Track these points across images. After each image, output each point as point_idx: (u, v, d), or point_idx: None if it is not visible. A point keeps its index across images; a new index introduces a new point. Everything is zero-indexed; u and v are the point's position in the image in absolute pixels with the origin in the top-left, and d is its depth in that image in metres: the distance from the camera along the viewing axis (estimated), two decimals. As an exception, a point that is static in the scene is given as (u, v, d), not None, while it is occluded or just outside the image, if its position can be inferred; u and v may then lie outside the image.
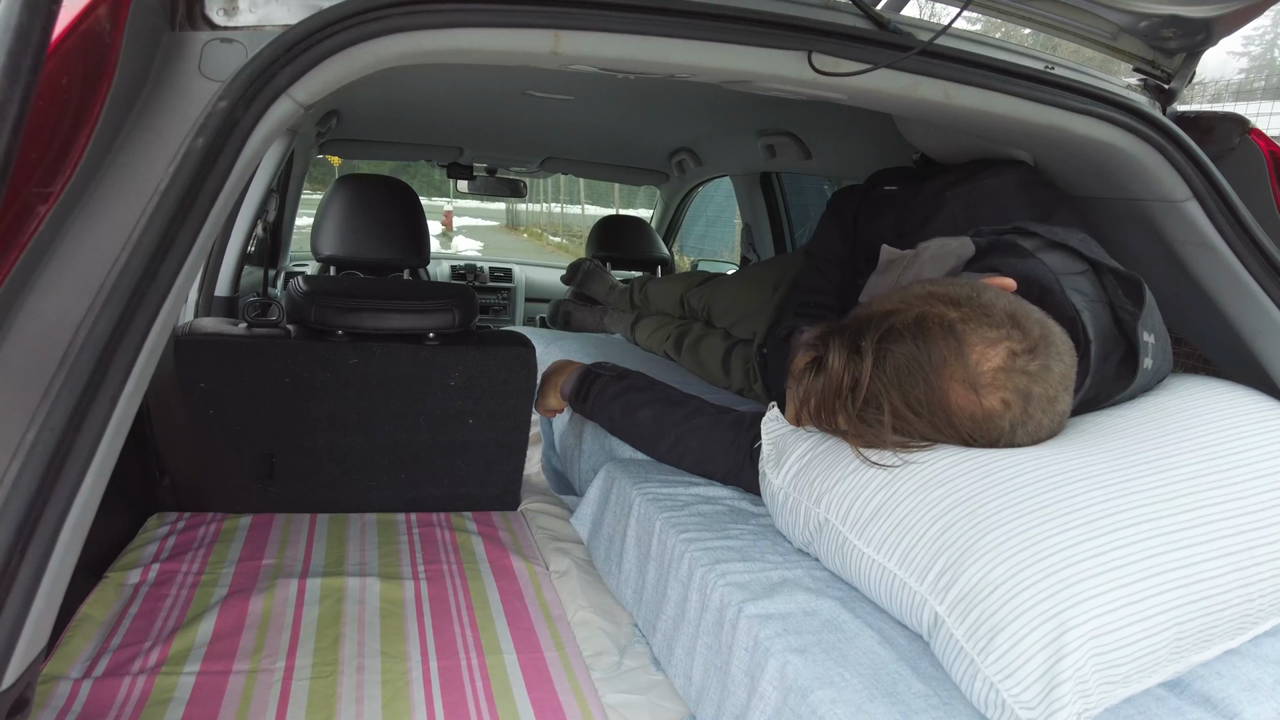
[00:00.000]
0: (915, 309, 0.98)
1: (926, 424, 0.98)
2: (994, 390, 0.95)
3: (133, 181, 0.74)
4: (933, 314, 0.96)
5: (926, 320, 0.96)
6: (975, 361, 0.94)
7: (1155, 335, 1.09)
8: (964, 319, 0.95)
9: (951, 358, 0.94)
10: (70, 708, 0.97)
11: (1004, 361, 0.94)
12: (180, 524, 1.45)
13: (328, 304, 1.48)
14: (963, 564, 0.84)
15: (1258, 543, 0.91)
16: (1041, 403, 0.96)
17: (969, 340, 0.94)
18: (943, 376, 0.94)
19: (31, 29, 0.48)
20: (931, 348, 0.94)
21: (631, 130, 2.91)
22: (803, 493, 1.05)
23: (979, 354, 0.94)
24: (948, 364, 0.94)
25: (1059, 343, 0.98)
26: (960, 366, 0.94)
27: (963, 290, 0.98)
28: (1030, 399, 0.95)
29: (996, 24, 1.40)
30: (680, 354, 2.31)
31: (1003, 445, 0.99)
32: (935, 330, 0.95)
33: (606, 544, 1.37)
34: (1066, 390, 0.99)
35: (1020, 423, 0.97)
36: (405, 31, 0.86)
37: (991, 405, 0.95)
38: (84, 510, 0.63)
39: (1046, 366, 0.96)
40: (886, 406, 0.96)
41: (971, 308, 0.96)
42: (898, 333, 0.96)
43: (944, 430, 0.98)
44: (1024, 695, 0.77)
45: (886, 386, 0.96)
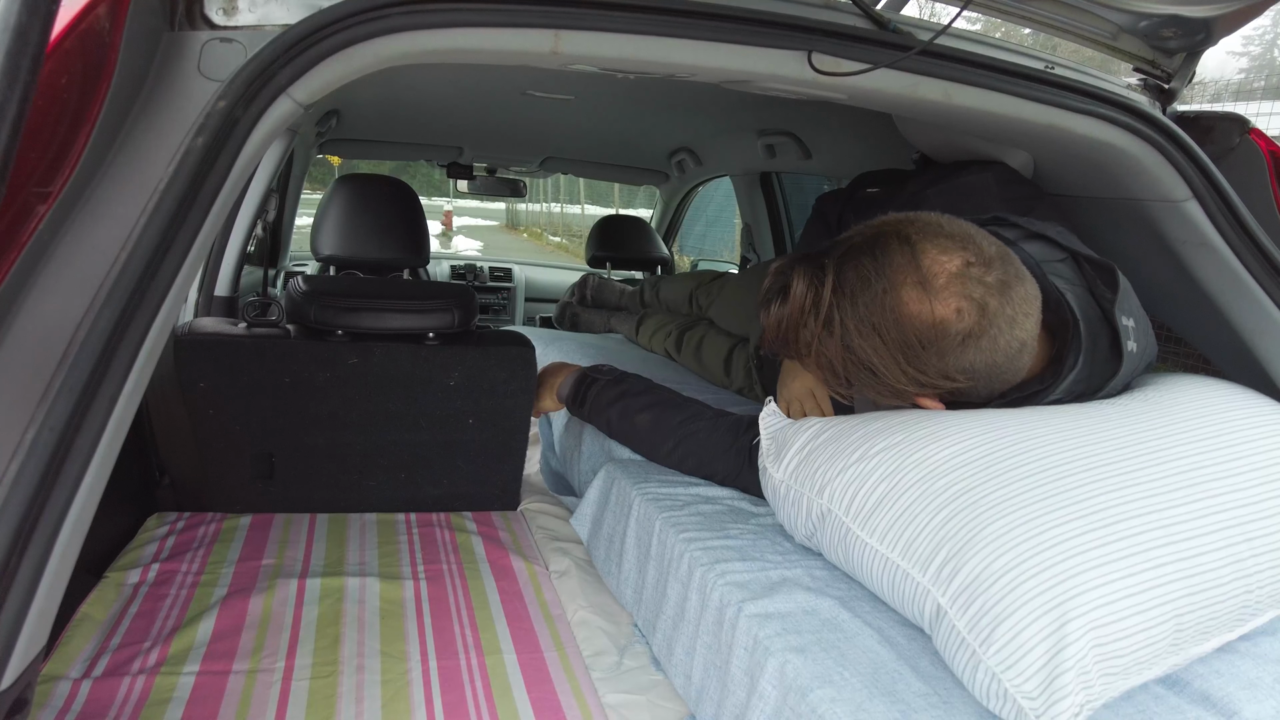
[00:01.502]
0: (872, 229, 1.00)
1: (877, 341, 0.97)
2: (948, 296, 0.95)
3: (132, 181, 0.74)
4: (890, 229, 0.98)
5: (884, 234, 0.98)
6: (928, 266, 0.95)
7: (1134, 319, 1.11)
8: (920, 232, 0.97)
9: (905, 264, 0.95)
10: (70, 708, 0.97)
11: (959, 269, 0.95)
12: (180, 524, 1.45)
13: (327, 304, 1.48)
14: (965, 555, 0.84)
15: (1256, 534, 0.91)
16: (999, 321, 0.96)
17: (923, 248, 0.96)
18: (895, 283, 0.95)
19: (30, 29, 0.48)
20: (887, 257, 0.96)
21: (631, 130, 2.91)
22: (804, 484, 1.05)
23: (932, 259, 0.95)
24: (901, 270, 0.95)
25: (1019, 269, 0.99)
26: (913, 271, 0.95)
27: (918, 216, 1.01)
28: (986, 312, 0.95)
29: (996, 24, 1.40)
30: (681, 353, 2.31)
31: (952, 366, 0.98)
32: (892, 242, 0.97)
33: (606, 544, 1.37)
34: (1028, 316, 0.98)
35: (973, 335, 0.96)
36: (405, 31, 0.86)
37: (944, 313, 0.95)
38: (84, 510, 0.62)
39: (1005, 283, 0.96)
40: (838, 322, 0.97)
41: (927, 223, 0.98)
42: (856, 249, 0.98)
43: (893, 350, 0.97)
44: (1026, 686, 0.77)
45: (841, 300, 0.97)
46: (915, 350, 0.97)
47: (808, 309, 0.99)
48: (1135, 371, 1.13)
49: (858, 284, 0.96)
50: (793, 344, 1.02)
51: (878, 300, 0.96)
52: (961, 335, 0.96)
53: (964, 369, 0.99)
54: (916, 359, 0.98)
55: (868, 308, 0.96)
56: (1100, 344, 1.08)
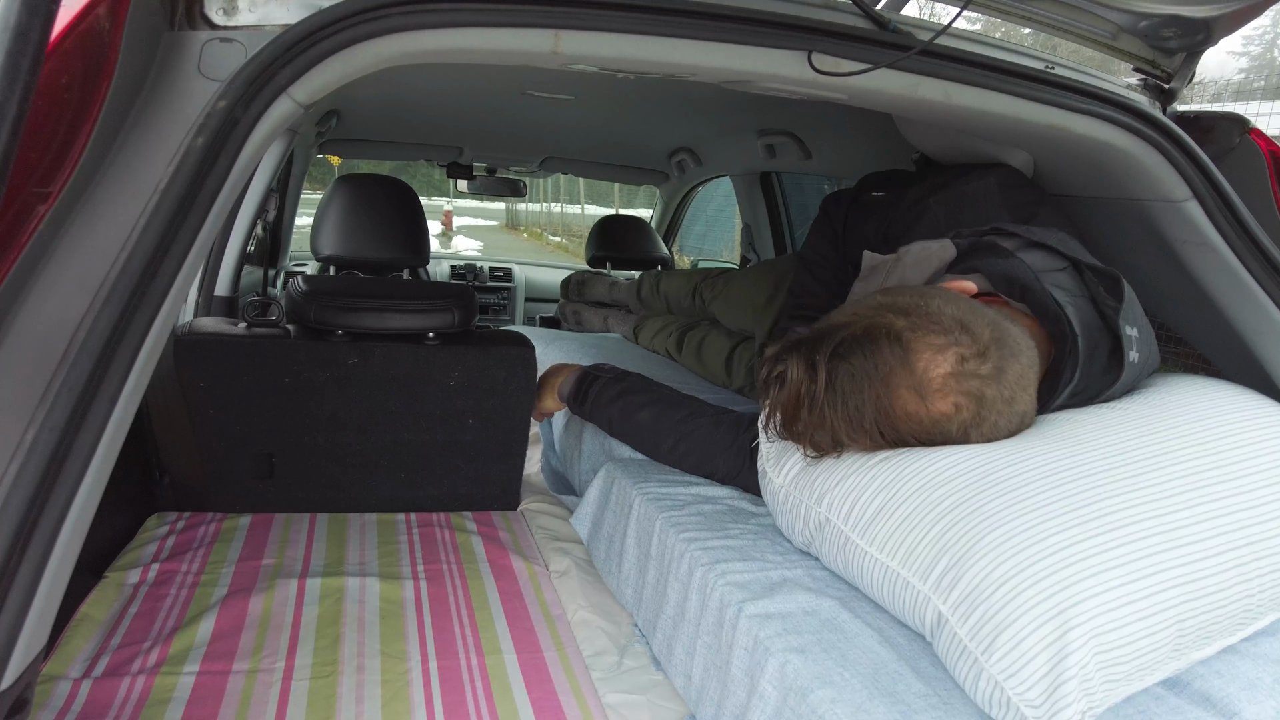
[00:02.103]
0: (865, 320, 0.99)
1: (866, 440, 0.99)
2: (943, 395, 0.95)
3: (132, 181, 0.74)
4: (880, 324, 0.97)
5: (874, 331, 0.97)
6: (923, 369, 0.95)
7: (1138, 329, 1.10)
8: (911, 327, 0.96)
9: (898, 366, 0.95)
10: (70, 708, 0.97)
11: (953, 367, 0.95)
12: (180, 524, 1.45)
13: (327, 304, 1.48)
14: (966, 563, 0.84)
15: (1258, 538, 0.91)
16: (996, 404, 0.97)
17: (915, 348, 0.95)
18: (890, 386, 0.95)
19: (31, 28, 0.48)
20: (878, 358, 0.95)
21: (631, 130, 2.91)
22: (804, 492, 1.05)
23: (926, 360, 0.95)
24: (895, 373, 0.95)
25: (1014, 343, 0.98)
26: (907, 374, 0.95)
27: (911, 299, 1.00)
28: (984, 402, 0.96)
29: (996, 24, 1.40)
30: (682, 353, 2.31)
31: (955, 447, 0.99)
32: (882, 340, 0.96)
33: (606, 544, 1.37)
34: (1025, 390, 0.99)
35: (973, 424, 0.97)
36: (405, 31, 0.86)
37: (941, 409, 0.96)
38: (83, 510, 0.62)
39: (1000, 369, 0.96)
40: (828, 420, 0.98)
41: (919, 316, 0.97)
42: (847, 345, 0.97)
43: (889, 439, 0.99)
44: (1029, 694, 0.77)
45: (834, 399, 0.97)
46: (915, 440, 0.99)
47: (803, 400, 0.99)
48: (1135, 380, 1.13)
49: (849, 387, 0.96)
50: (790, 428, 1.03)
51: (870, 404, 0.96)
52: (962, 426, 0.97)
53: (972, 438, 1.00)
54: (921, 442, 0.99)
55: (859, 411, 0.97)
56: (1099, 354, 1.08)
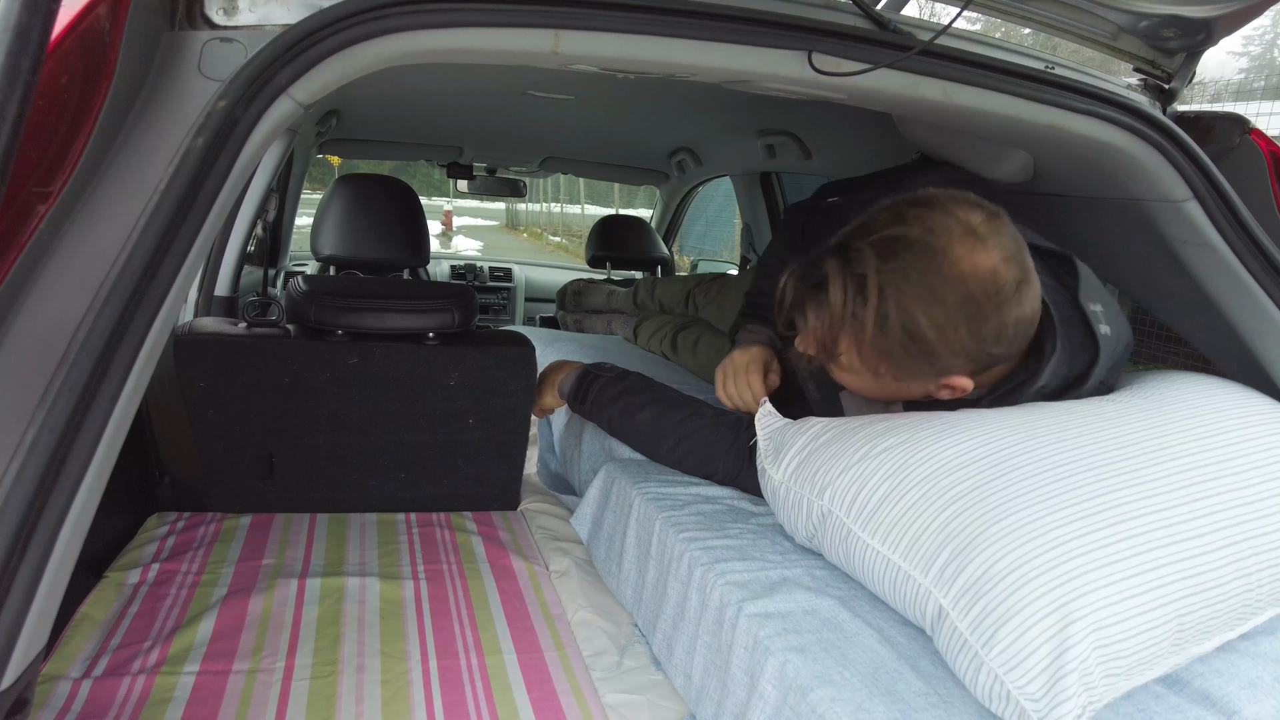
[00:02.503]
0: (889, 208, 0.98)
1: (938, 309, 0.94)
2: (993, 244, 0.95)
3: (132, 181, 0.74)
4: (908, 202, 0.98)
5: (907, 207, 0.97)
6: (966, 217, 0.95)
7: (1102, 304, 1.11)
8: (940, 196, 0.97)
9: (948, 222, 0.95)
10: (70, 708, 0.97)
11: (990, 219, 0.96)
12: (180, 524, 1.45)
13: (327, 304, 1.48)
14: (967, 556, 0.84)
15: (1256, 533, 0.91)
16: (1029, 271, 0.97)
17: (952, 207, 0.96)
18: (948, 242, 0.94)
19: (31, 28, 0.48)
20: (928, 221, 0.95)
21: (631, 130, 2.91)
22: (805, 485, 1.05)
23: (966, 213, 0.96)
24: (946, 229, 0.94)
25: None
26: (958, 225, 0.95)
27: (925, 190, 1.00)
28: (1024, 261, 0.97)
29: (996, 24, 1.40)
30: (677, 352, 2.31)
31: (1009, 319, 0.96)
32: (922, 209, 0.96)
33: (606, 544, 1.37)
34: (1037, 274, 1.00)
35: (1021, 284, 0.96)
36: (405, 31, 0.86)
37: (996, 261, 0.95)
38: (84, 510, 0.62)
39: (1019, 243, 0.98)
40: (893, 303, 0.94)
41: (938, 192, 0.98)
42: (885, 224, 0.96)
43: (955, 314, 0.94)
44: (1029, 687, 0.77)
45: (892, 278, 0.94)
46: (979, 308, 0.95)
47: (853, 301, 0.95)
48: (1115, 355, 1.12)
49: (908, 256, 0.93)
50: (831, 351, 1.00)
51: (935, 264, 0.93)
52: (1014, 284, 0.95)
53: (1015, 321, 0.98)
54: (980, 318, 0.96)
55: (922, 275, 0.93)
56: (1074, 330, 1.09)
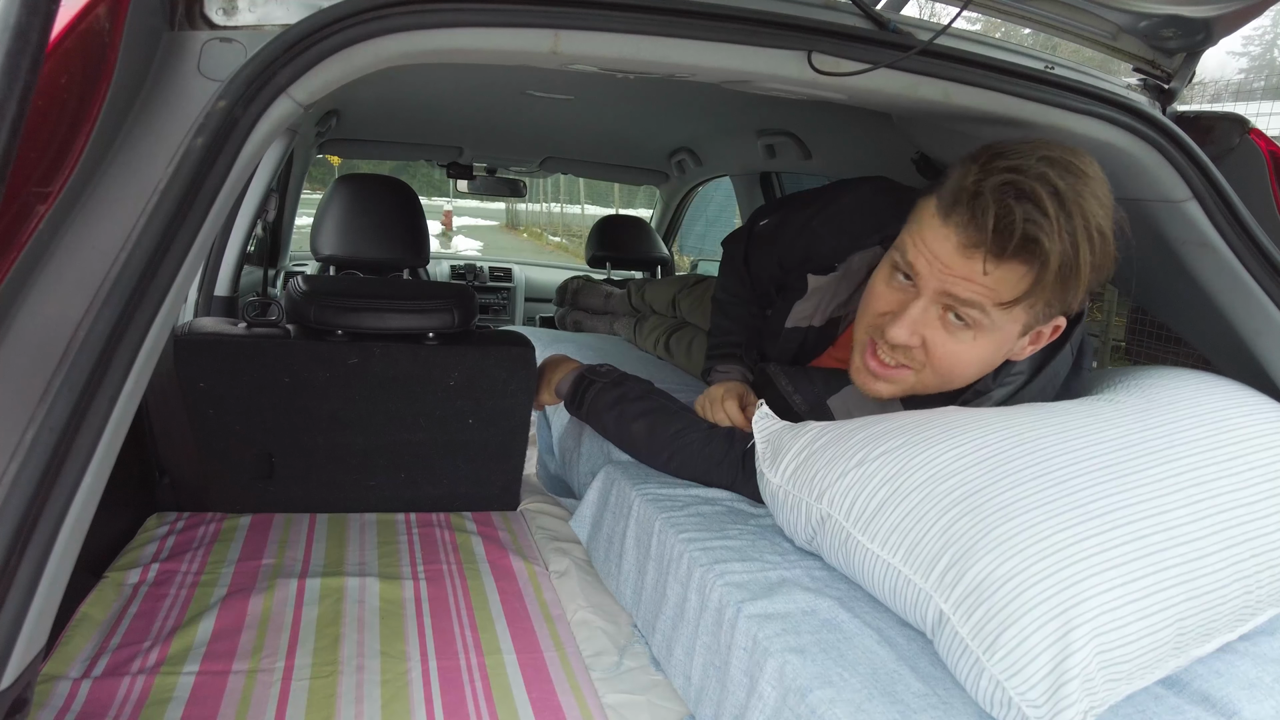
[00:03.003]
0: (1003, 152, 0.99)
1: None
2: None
3: (132, 181, 0.74)
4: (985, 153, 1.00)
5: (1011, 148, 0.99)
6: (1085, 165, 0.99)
7: None
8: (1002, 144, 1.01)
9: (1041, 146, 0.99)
10: (69, 707, 0.97)
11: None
12: (180, 524, 1.45)
13: (327, 304, 1.48)
14: (969, 560, 0.84)
15: (1256, 534, 0.91)
16: None
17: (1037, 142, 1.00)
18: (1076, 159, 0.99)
19: (30, 28, 0.48)
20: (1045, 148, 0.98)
21: (631, 130, 2.91)
22: (803, 489, 1.05)
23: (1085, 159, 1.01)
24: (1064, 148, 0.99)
25: None
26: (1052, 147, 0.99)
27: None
28: None
29: (996, 24, 1.40)
30: (673, 354, 2.31)
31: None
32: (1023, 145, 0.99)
33: (606, 544, 1.37)
34: None
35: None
36: (405, 31, 0.86)
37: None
38: (83, 510, 0.62)
39: None
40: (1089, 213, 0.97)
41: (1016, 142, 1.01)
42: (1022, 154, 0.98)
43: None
44: (1030, 693, 0.77)
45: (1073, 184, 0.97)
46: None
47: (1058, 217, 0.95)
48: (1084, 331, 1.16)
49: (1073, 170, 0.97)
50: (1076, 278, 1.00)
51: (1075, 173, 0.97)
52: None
53: None
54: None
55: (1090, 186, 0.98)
56: None
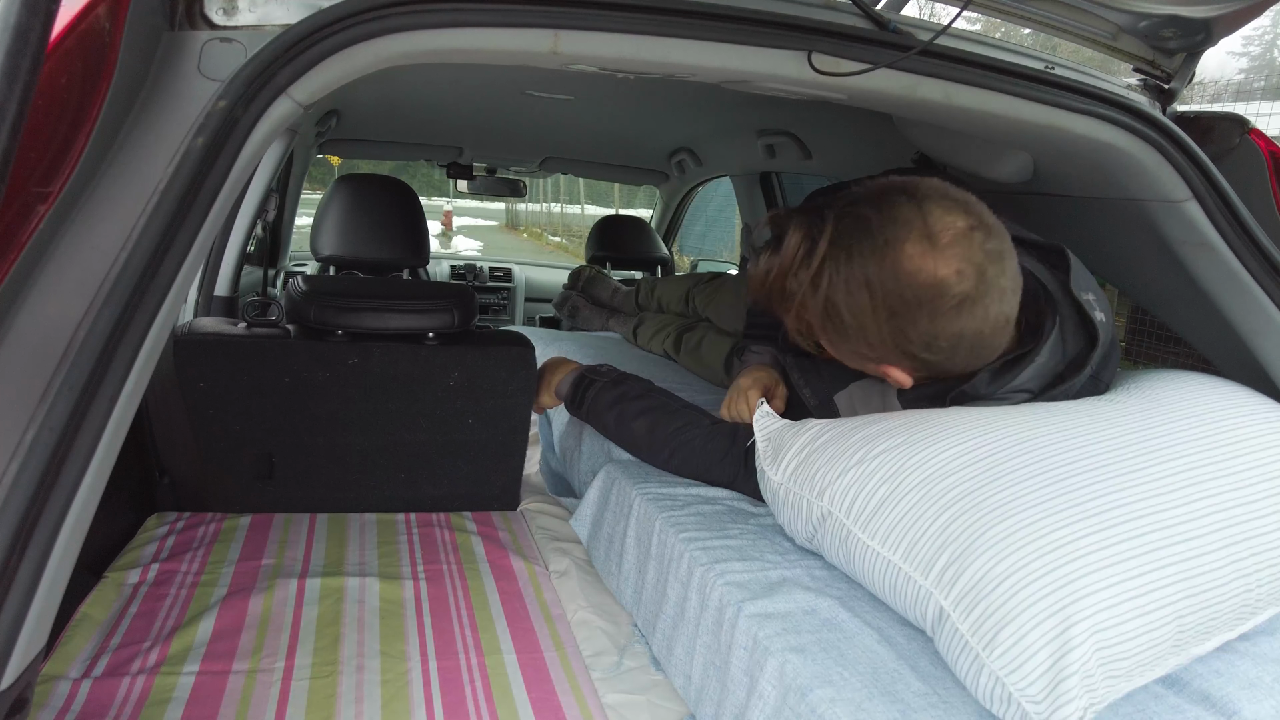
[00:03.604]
0: (879, 185, 0.98)
1: (865, 299, 0.95)
2: (951, 256, 0.93)
3: (132, 181, 0.74)
4: (895, 185, 0.97)
5: (890, 190, 0.96)
6: (934, 223, 0.94)
7: (1093, 293, 1.12)
8: (927, 191, 0.96)
9: (912, 218, 0.94)
10: (69, 708, 0.97)
11: (964, 231, 0.94)
12: (180, 524, 1.45)
13: (327, 304, 1.48)
14: (968, 558, 0.84)
15: (1255, 533, 0.91)
16: (993, 289, 0.96)
17: (930, 207, 0.94)
18: (899, 237, 0.93)
19: (31, 28, 0.48)
20: (893, 211, 0.94)
21: (631, 130, 2.91)
22: (804, 487, 1.05)
23: (938, 217, 0.94)
24: (907, 224, 0.94)
25: (1010, 243, 0.98)
26: (920, 225, 0.94)
27: (925, 178, 1.00)
28: (985, 278, 0.95)
29: (996, 24, 1.40)
30: (680, 353, 2.31)
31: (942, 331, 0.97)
32: (898, 197, 0.95)
33: (606, 544, 1.37)
34: (1015, 293, 0.99)
35: (969, 300, 0.95)
36: (405, 31, 0.86)
37: (945, 272, 0.94)
38: (83, 510, 0.62)
39: (1001, 254, 0.96)
40: (827, 276, 0.95)
41: (933, 184, 0.97)
42: (860, 201, 0.96)
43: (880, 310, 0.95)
44: (1030, 689, 0.77)
45: (837, 252, 0.95)
46: (908, 310, 0.96)
47: (799, 260, 0.97)
48: (1108, 343, 1.13)
49: (857, 235, 0.94)
50: (777, 296, 1.01)
51: (877, 253, 0.93)
52: (958, 299, 0.95)
53: (951, 335, 0.98)
54: (905, 320, 0.96)
55: (864, 261, 0.94)
56: (1068, 316, 1.10)
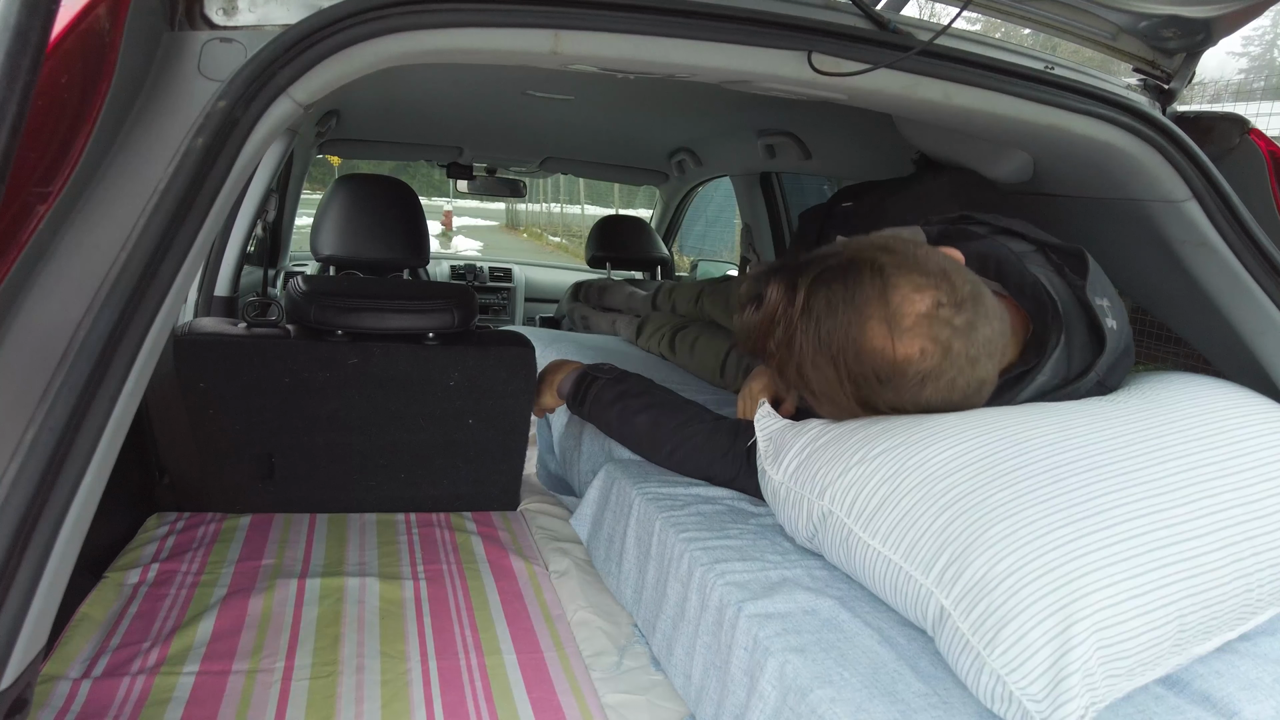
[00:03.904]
0: (851, 252, 0.99)
1: (830, 371, 0.98)
2: (912, 336, 0.95)
3: (132, 181, 0.74)
4: (865, 258, 0.98)
5: (858, 262, 0.97)
6: (898, 304, 0.95)
7: (1108, 299, 1.12)
8: (895, 265, 0.96)
9: (875, 297, 0.95)
10: (69, 708, 0.97)
11: (928, 309, 0.95)
12: (180, 524, 1.45)
13: (327, 304, 1.48)
14: (969, 557, 0.84)
15: (1256, 533, 0.91)
16: (960, 360, 0.97)
17: (895, 283, 0.95)
18: (862, 316, 0.95)
19: (31, 29, 0.48)
20: (857, 287, 0.96)
21: (631, 130, 2.91)
22: (805, 486, 1.05)
23: (903, 296, 0.95)
24: (870, 303, 0.95)
25: (989, 307, 0.99)
26: (882, 306, 0.95)
27: (900, 243, 1.00)
28: (950, 353, 0.96)
29: (996, 24, 1.40)
30: (676, 353, 2.31)
31: (907, 401, 0.99)
32: (865, 271, 0.96)
33: (606, 544, 1.37)
34: (990, 356, 1.00)
35: (933, 375, 0.97)
36: (405, 31, 0.86)
37: (907, 352, 0.96)
38: (83, 510, 0.62)
39: (972, 325, 0.96)
40: (798, 344, 0.98)
41: (904, 256, 0.98)
42: (830, 272, 0.97)
43: (844, 380, 0.98)
44: (1031, 688, 0.77)
45: (807, 323, 0.97)
46: (870, 383, 0.99)
47: (775, 324, 0.99)
48: (1118, 351, 1.13)
49: (825, 310, 0.96)
50: (760, 352, 1.04)
51: (840, 330, 0.96)
52: (921, 375, 0.97)
53: (917, 404, 1.01)
54: (869, 390, 1.00)
55: (829, 335, 0.96)
56: (1078, 327, 1.10)
